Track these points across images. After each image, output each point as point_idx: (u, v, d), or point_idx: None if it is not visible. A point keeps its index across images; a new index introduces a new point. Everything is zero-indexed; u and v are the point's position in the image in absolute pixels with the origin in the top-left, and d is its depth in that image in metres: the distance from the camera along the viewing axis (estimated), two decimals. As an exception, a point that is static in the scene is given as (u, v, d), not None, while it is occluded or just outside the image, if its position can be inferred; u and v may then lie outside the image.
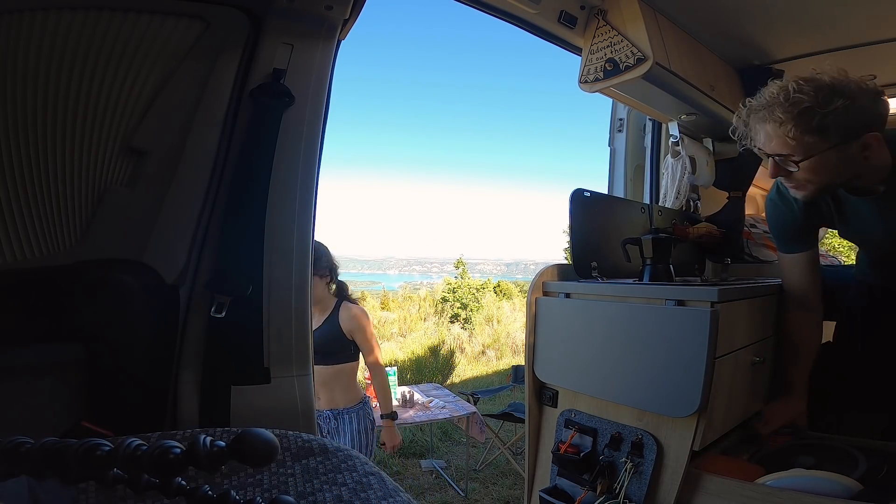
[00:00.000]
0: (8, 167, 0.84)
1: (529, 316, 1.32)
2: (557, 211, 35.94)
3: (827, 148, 0.93)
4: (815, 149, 0.93)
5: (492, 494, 3.00)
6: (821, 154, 0.94)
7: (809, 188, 1.01)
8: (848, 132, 0.92)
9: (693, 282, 1.42)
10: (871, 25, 1.61)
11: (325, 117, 1.10)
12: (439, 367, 6.79)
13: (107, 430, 0.81)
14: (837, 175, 0.98)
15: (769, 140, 0.99)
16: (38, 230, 0.87)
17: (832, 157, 0.94)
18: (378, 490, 0.67)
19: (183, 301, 0.97)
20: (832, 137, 0.92)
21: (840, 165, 0.96)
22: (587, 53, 1.59)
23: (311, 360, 1.09)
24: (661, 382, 1.05)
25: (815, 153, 0.94)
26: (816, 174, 0.97)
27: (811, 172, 0.97)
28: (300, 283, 1.07)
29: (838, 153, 0.94)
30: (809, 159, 0.95)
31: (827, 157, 0.94)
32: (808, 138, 0.93)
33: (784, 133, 0.94)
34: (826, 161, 0.95)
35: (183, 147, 0.95)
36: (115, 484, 0.42)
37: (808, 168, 0.96)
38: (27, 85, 0.84)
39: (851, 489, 0.90)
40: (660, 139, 2.11)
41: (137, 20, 0.90)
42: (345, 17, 1.06)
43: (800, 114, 0.92)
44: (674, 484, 1.03)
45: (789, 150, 0.96)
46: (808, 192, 1.03)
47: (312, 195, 1.09)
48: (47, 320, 0.85)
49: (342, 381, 1.97)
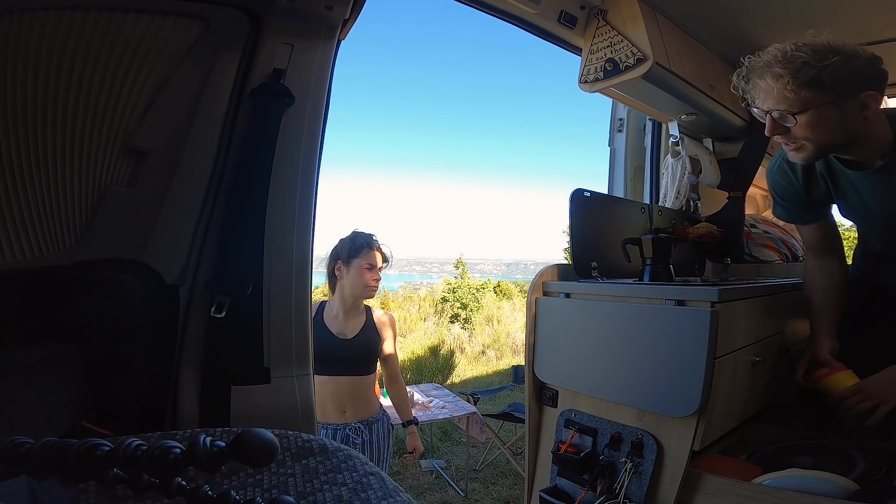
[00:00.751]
0: (8, 167, 0.84)
1: (529, 316, 1.32)
2: (557, 211, 35.94)
3: (824, 102, 0.93)
4: (812, 103, 0.94)
5: (492, 494, 3.00)
6: (818, 108, 0.94)
7: (808, 148, 1.00)
8: (845, 89, 0.93)
9: (693, 282, 1.42)
10: (872, 25, 1.61)
11: (325, 117, 1.10)
12: (439, 367, 6.79)
13: (107, 430, 0.81)
14: (835, 134, 0.97)
15: (767, 96, 0.99)
16: (38, 230, 0.87)
17: (830, 112, 0.94)
18: (378, 490, 0.67)
19: (183, 301, 0.97)
20: (829, 92, 0.93)
21: (837, 123, 0.96)
22: (587, 53, 1.59)
23: (311, 360, 1.09)
24: (661, 382, 1.05)
25: (813, 107, 0.94)
26: (813, 131, 0.97)
27: (808, 129, 0.97)
28: (300, 283, 1.07)
29: (835, 109, 0.94)
30: (807, 113, 0.95)
31: (824, 111, 0.94)
32: (806, 92, 0.93)
33: (782, 87, 0.95)
34: (823, 116, 0.95)
35: (183, 147, 0.95)
36: (115, 484, 0.42)
37: (806, 123, 0.96)
38: (27, 85, 0.84)
39: (849, 489, 0.91)
40: (660, 139, 2.11)
41: (137, 20, 0.90)
42: (345, 17, 1.06)
43: (797, 69, 0.93)
44: (674, 484, 1.03)
45: (787, 105, 0.96)
46: (807, 154, 1.01)
47: (312, 195, 1.09)
48: (47, 320, 0.84)
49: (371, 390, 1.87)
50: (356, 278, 1.71)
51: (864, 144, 1.01)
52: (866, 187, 1.10)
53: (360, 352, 1.75)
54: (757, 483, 0.97)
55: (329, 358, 1.69)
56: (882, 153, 1.02)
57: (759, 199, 2.48)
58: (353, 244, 1.72)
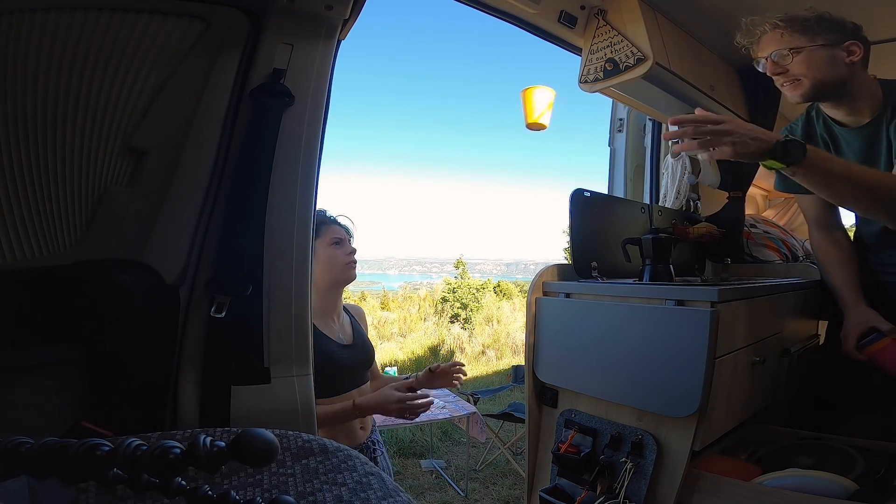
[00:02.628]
0: (8, 167, 0.84)
1: (529, 316, 1.32)
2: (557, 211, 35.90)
3: (815, 45, 1.09)
4: (803, 43, 1.10)
5: (492, 494, 3.00)
6: (810, 48, 1.10)
7: (805, 84, 1.13)
8: (833, 36, 1.09)
9: (693, 282, 1.42)
10: (871, 25, 1.60)
11: (325, 117, 1.10)
12: (439, 367, 6.79)
13: (107, 430, 0.81)
14: (827, 72, 1.12)
15: (767, 45, 1.15)
16: (38, 230, 0.87)
17: (820, 52, 1.10)
18: (378, 490, 0.67)
19: (183, 301, 0.97)
20: (817, 37, 1.09)
21: (828, 63, 1.10)
22: (587, 53, 1.59)
23: (311, 360, 1.09)
24: (660, 382, 1.05)
25: (805, 46, 1.10)
26: (808, 67, 1.11)
27: (804, 65, 1.11)
28: (300, 283, 1.07)
29: (825, 50, 1.10)
30: (802, 52, 1.11)
31: (815, 52, 1.10)
32: (798, 36, 1.10)
33: (778, 34, 1.12)
34: (815, 55, 1.10)
35: (183, 147, 0.95)
36: (115, 484, 0.42)
37: (801, 61, 1.11)
38: (27, 85, 0.84)
39: (848, 489, 0.91)
40: (660, 139, 2.11)
41: (137, 20, 0.90)
42: (345, 17, 1.06)
43: (790, 19, 1.11)
44: (674, 484, 1.03)
45: (781, 45, 1.12)
46: (804, 90, 1.14)
47: (312, 195, 1.09)
48: (47, 320, 0.84)
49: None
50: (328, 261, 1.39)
51: (856, 97, 1.14)
52: (859, 145, 1.19)
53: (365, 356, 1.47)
54: (757, 483, 0.97)
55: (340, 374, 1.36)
56: (872, 110, 1.17)
57: (759, 199, 2.48)
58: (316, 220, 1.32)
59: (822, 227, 1.35)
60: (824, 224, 1.35)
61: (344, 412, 1.28)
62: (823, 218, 1.35)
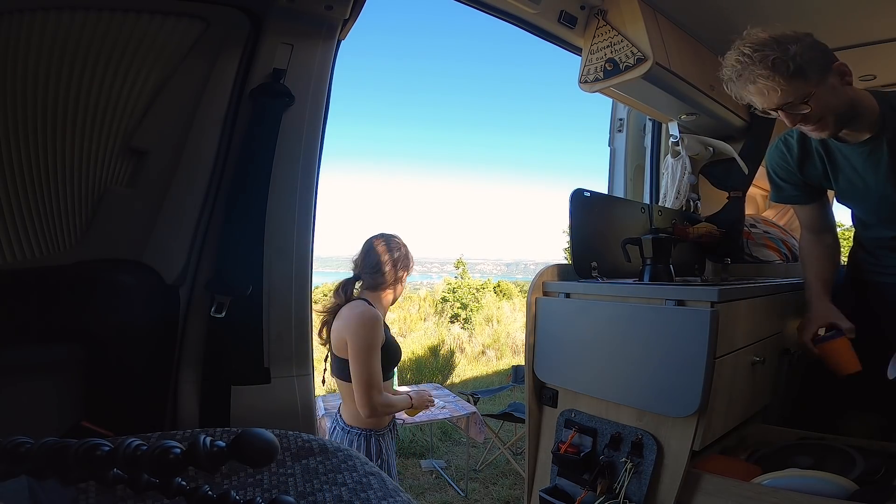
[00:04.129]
0: (8, 167, 0.84)
1: (529, 316, 1.32)
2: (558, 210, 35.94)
3: (815, 84, 1.02)
4: (807, 88, 1.02)
5: (492, 494, 3.00)
6: (816, 90, 1.02)
7: (829, 121, 1.07)
8: (818, 66, 1.02)
9: (693, 282, 1.42)
10: (871, 25, 1.61)
11: (325, 117, 1.10)
12: (439, 367, 6.79)
13: (107, 430, 0.81)
14: (841, 103, 1.06)
15: (766, 97, 1.05)
16: (38, 230, 0.87)
17: (825, 89, 1.03)
18: (378, 490, 0.67)
19: (183, 301, 0.97)
20: (812, 74, 1.01)
21: (836, 96, 1.04)
22: (587, 53, 1.59)
23: (311, 360, 1.09)
24: (661, 382, 1.05)
25: (810, 91, 1.02)
26: (826, 108, 1.04)
27: (822, 108, 1.04)
28: (300, 283, 1.07)
29: (825, 85, 1.03)
30: (812, 97, 1.02)
31: (822, 91, 1.03)
32: (797, 82, 1.01)
33: (775, 85, 1.02)
34: (824, 94, 1.03)
35: (183, 147, 0.95)
36: (115, 484, 0.42)
37: (817, 105, 1.03)
38: (27, 85, 0.84)
39: (848, 489, 0.90)
40: (660, 139, 2.11)
41: (137, 20, 0.90)
42: (345, 17, 1.06)
43: (774, 65, 1.00)
44: (674, 484, 1.03)
45: (791, 98, 1.03)
46: (830, 128, 1.09)
47: (312, 195, 1.09)
48: (47, 320, 0.85)
49: None
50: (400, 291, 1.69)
51: (859, 114, 1.10)
52: (859, 160, 1.16)
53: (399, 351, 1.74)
54: (757, 483, 0.97)
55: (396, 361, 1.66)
56: (871, 125, 1.11)
57: (759, 199, 2.48)
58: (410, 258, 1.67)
59: (813, 230, 1.36)
60: (816, 228, 1.35)
61: (404, 403, 1.58)
62: (817, 224, 1.36)
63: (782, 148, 1.29)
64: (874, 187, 1.17)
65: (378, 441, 1.53)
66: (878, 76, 1.85)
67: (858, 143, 1.14)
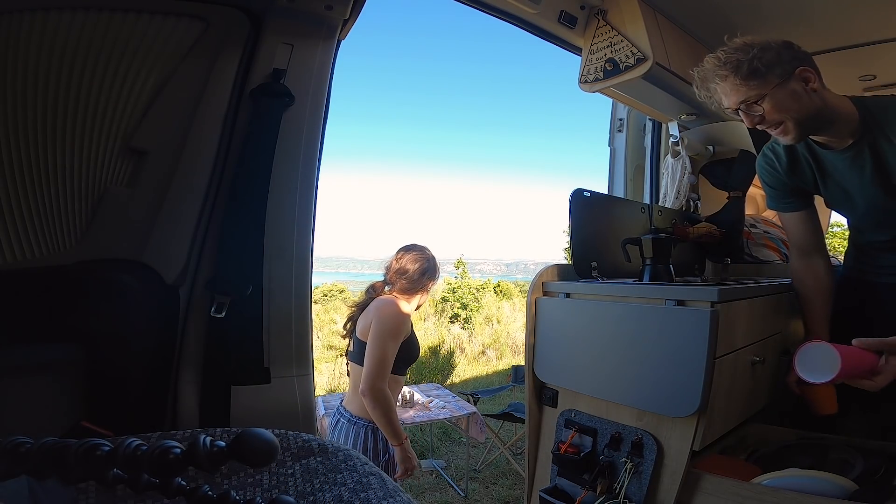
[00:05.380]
0: (8, 167, 0.84)
1: (529, 316, 1.32)
2: (558, 210, 35.96)
3: (773, 86, 1.06)
4: (762, 88, 1.07)
5: (492, 494, 3.00)
6: (770, 91, 1.07)
7: (788, 126, 1.10)
8: (778, 69, 1.06)
9: (693, 282, 1.42)
10: (871, 25, 1.61)
11: (325, 117, 1.10)
12: (439, 367, 6.79)
13: (107, 430, 0.81)
14: (800, 109, 1.08)
15: (728, 96, 1.11)
16: (38, 230, 0.87)
17: (781, 92, 1.07)
18: (378, 490, 0.67)
19: (183, 301, 0.97)
20: (770, 77, 1.06)
21: (795, 100, 1.07)
22: (587, 53, 1.59)
23: (311, 360, 1.09)
24: (661, 382, 1.05)
25: (766, 92, 1.07)
26: (781, 110, 1.08)
27: (776, 110, 1.08)
28: (300, 283, 1.07)
29: (784, 89, 1.07)
30: (765, 99, 1.07)
31: (777, 93, 1.07)
32: (752, 81, 1.07)
33: (733, 85, 1.09)
34: (779, 97, 1.07)
35: (183, 147, 0.95)
36: (115, 484, 0.42)
37: (771, 107, 1.08)
38: (27, 85, 0.84)
39: (847, 489, 0.90)
40: (660, 139, 2.11)
41: (137, 20, 0.90)
42: (345, 17, 1.06)
43: (734, 66, 1.07)
44: (674, 484, 1.03)
45: (745, 97, 1.09)
46: (792, 132, 1.11)
47: (312, 195, 1.09)
48: (47, 320, 0.85)
49: None
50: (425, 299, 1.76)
51: (834, 121, 1.11)
52: (844, 166, 1.17)
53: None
54: (756, 483, 0.97)
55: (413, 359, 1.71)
56: (851, 131, 1.13)
57: (759, 199, 2.48)
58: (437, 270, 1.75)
59: (804, 252, 1.32)
60: (806, 250, 1.32)
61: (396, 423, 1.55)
62: (807, 243, 1.32)
63: (769, 156, 1.30)
64: (861, 193, 1.18)
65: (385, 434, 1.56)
66: (878, 76, 1.85)
67: (842, 149, 1.15)
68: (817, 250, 1.32)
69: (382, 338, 1.51)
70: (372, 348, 1.50)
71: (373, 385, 1.46)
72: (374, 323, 1.53)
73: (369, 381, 1.47)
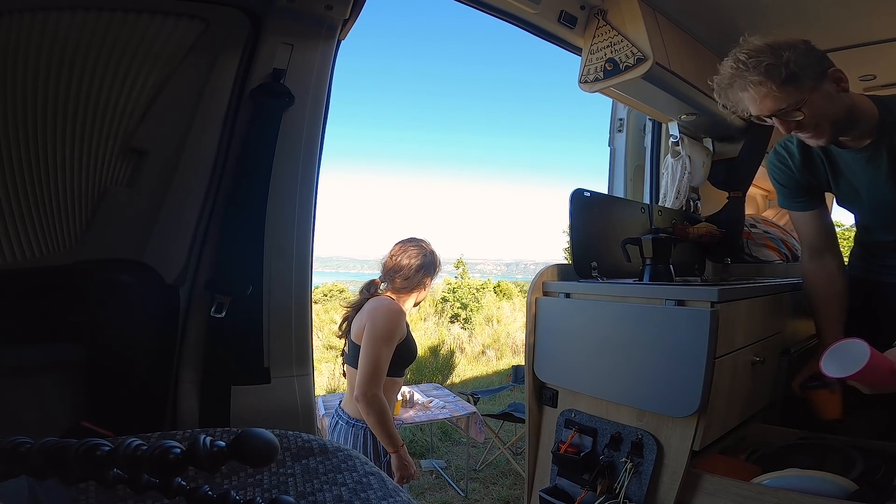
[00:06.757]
0: (8, 167, 0.84)
1: (529, 316, 1.32)
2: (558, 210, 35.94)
3: (809, 91, 1.01)
4: (801, 94, 1.01)
5: (492, 494, 3.00)
6: (810, 96, 1.01)
7: (825, 129, 1.06)
8: (812, 72, 1.00)
9: (693, 282, 1.42)
10: (871, 25, 1.61)
11: (325, 117, 1.10)
12: (439, 367, 6.79)
13: (107, 430, 0.81)
14: (836, 112, 1.04)
15: (759, 103, 1.04)
16: (38, 230, 0.87)
17: (819, 96, 1.01)
18: (378, 490, 0.67)
19: (183, 301, 0.97)
20: (806, 81, 1.00)
21: (831, 103, 1.03)
22: (587, 53, 1.59)
23: (311, 360, 1.09)
24: (661, 382, 1.05)
25: (804, 97, 1.01)
26: (821, 115, 1.03)
27: (816, 116, 1.03)
28: (300, 283, 1.07)
29: (820, 92, 1.01)
30: (807, 104, 1.01)
31: (816, 97, 1.01)
32: (789, 88, 1.00)
33: (768, 91, 1.01)
34: (818, 101, 1.01)
35: (183, 147, 0.95)
36: (115, 484, 0.42)
37: (811, 113, 1.02)
38: (27, 85, 0.84)
39: (847, 489, 0.90)
40: (660, 139, 2.11)
41: (137, 20, 0.90)
42: (345, 17, 1.06)
43: (768, 71, 0.99)
44: (674, 484, 1.03)
45: (784, 104, 1.02)
46: (826, 135, 1.07)
47: (312, 195, 1.09)
48: (47, 320, 0.85)
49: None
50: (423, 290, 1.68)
51: (858, 121, 1.08)
52: (859, 166, 1.15)
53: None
54: (756, 483, 0.97)
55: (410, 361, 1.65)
56: (870, 131, 1.09)
57: (759, 199, 2.48)
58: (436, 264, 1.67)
59: (817, 253, 1.29)
60: (819, 250, 1.28)
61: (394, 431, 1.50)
62: (820, 243, 1.28)
63: (782, 154, 1.27)
64: (874, 193, 1.17)
65: None
66: (878, 76, 1.85)
67: (858, 149, 1.13)
68: (830, 249, 1.29)
69: (375, 343, 1.45)
70: (365, 353, 1.46)
71: (366, 391, 1.43)
72: (367, 327, 1.48)
73: (362, 387, 1.43)
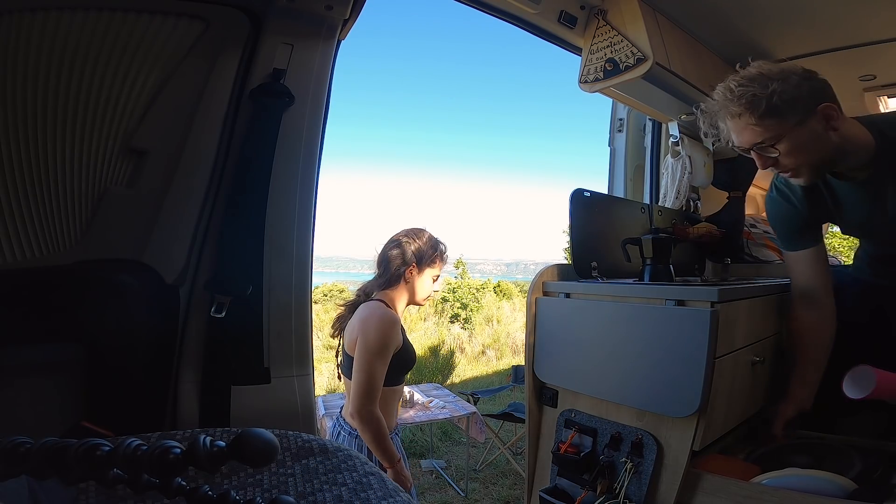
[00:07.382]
0: (8, 167, 0.84)
1: (529, 316, 1.32)
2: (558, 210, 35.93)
3: (791, 126, 0.97)
4: (780, 129, 0.97)
5: (492, 494, 3.00)
6: (789, 133, 0.97)
7: (803, 170, 1.03)
8: (800, 108, 0.96)
9: (693, 282, 1.42)
10: (871, 25, 1.61)
11: (325, 117, 1.10)
12: (439, 367, 6.79)
13: (107, 430, 0.81)
14: (818, 150, 1.00)
15: (739, 134, 1.02)
16: (38, 230, 0.87)
17: (801, 134, 0.97)
18: (378, 490, 0.67)
19: (183, 301, 0.97)
20: (789, 116, 0.96)
21: (814, 141, 0.98)
22: (587, 53, 1.59)
23: (311, 360, 1.09)
24: (660, 382, 1.05)
25: (784, 133, 0.97)
26: (798, 154, 1.00)
27: (793, 154, 1.00)
28: (300, 283, 1.07)
29: (804, 130, 0.97)
30: (783, 141, 0.98)
31: (796, 135, 0.98)
32: (769, 121, 0.97)
33: (746, 123, 0.99)
34: (798, 139, 0.98)
35: (183, 147, 0.95)
36: (115, 484, 0.42)
37: (787, 151, 0.99)
38: (27, 85, 0.84)
39: (846, 488, 0.91)
40: (660, 139, 2.11)
41: (137, 20, 0.90)
42: (345, 17, 1.06)
43: (748, 103, 0.97)
44: (674, 484, 1.03)
45: (761, 138, 0.99)
46: (804, 175, 1.04)
47: (312, 195, 1.09)
48: (47, 320, 0.85)
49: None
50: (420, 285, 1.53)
51: (850, 153, 1.03)
52: (863, 198, 1.11)
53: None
54: (756, 482, 0.97)
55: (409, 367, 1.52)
56: (867, 162, 1.04)
57: (758, 199, 2.48)
58: (436, 251, 1.51)
59: (810, 302, 1.20)
60: (813, 298, 1.20)
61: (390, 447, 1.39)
62: (814, 288, 1.20)
63: (783, 189, 1.20)
64: (880, 224, 1.12)
65: None
66: (878, 76, 1.84)
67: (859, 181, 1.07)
68: (825, 295, 1.21)
69: (369, 358, 1.33)
70: (358, 369, 1.34)
71: (360, 408, 1.33)
72: (360, 341, 1.35)
73: (356, 405, 1.33)
